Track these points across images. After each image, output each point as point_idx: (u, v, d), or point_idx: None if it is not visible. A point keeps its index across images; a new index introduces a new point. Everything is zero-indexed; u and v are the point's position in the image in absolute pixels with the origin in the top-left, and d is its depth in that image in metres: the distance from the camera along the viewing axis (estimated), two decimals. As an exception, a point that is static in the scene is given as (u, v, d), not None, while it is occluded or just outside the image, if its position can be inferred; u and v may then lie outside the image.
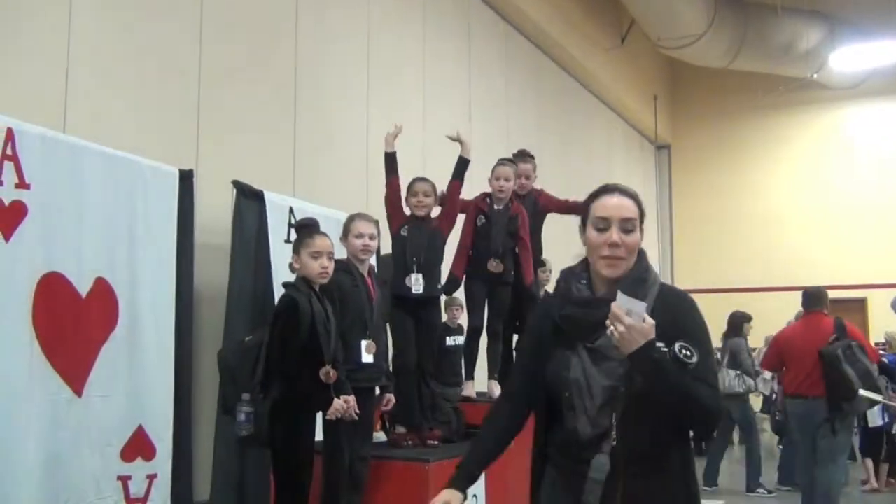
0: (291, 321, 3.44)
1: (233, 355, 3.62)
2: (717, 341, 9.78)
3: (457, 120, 8.74)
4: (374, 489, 3.99)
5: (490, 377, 5.01)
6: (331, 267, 3.60)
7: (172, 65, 5.11)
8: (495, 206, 4.75)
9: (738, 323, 8.24)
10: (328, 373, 3.46)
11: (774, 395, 9.16)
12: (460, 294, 5.12)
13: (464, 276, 4.81)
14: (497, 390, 4.82)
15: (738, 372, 7.86)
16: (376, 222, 4.04)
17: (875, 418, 7.76)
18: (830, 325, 5.64)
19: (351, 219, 3.98)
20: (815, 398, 5.53)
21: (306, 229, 3.71)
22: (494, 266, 4.70)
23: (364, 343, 3.76)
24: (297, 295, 3.52)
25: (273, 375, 3.45)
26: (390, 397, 3.98)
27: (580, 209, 2.14)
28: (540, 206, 5.15)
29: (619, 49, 13.16)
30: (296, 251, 3.67)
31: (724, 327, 8.28)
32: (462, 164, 4.57)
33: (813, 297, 5.87)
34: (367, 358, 3.77)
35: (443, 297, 4.91)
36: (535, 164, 5.17)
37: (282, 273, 4.26)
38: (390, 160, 4.43)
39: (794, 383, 5.79)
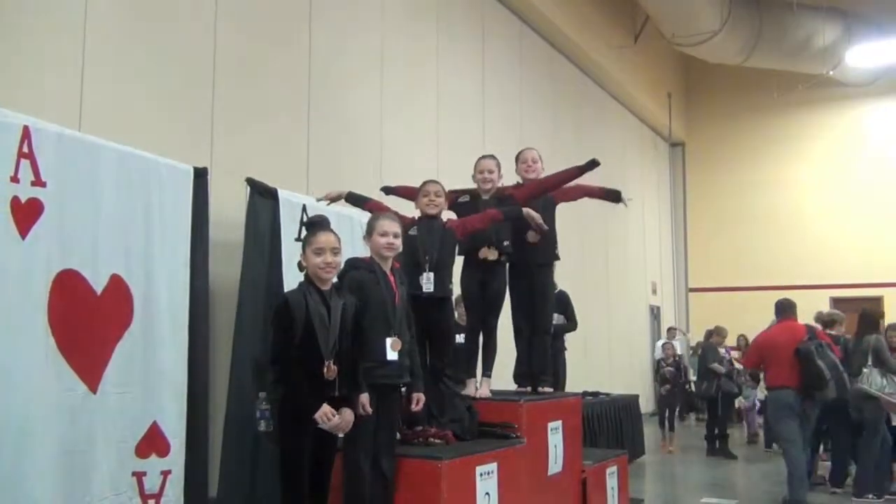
0: (280, 321, 3.45)
1: (261, 356, 3.65)
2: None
3: (470, 118, 8.74)
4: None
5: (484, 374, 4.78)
6: (335, 261, 3.59)
7: (187, 64, 5.14)
8: (483, 198, 4.68)
9: (874, 319, 7.56)
10: (328, 368, 3.46)
11: None
12: None
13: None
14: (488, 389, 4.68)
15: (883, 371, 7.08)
16: (401, 221, 4.02)
17: None
18: (802, 329, 6.67)
19: (375, 217, 3.98)
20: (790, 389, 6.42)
21: (313, 227, 3.73)
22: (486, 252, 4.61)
23: (389, 340, 3.73)
24: (291, 294, 3.54)
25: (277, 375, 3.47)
26: (420, 396, 3.94)
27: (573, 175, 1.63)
28: (553, 199, 5.03)
29: (632, 46, 13.12)
30: (303, 249, 3.69)
31: (741, 325, 8.11)
32: (514, 215, 4.58)
33: (785, 307, 6.86)
34: (392, 355, 3.75)
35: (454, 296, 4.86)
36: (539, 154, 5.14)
37: (293, 271, 4.26)
38: (353, 199, 4.61)
39: (779, 378, 6.57)
